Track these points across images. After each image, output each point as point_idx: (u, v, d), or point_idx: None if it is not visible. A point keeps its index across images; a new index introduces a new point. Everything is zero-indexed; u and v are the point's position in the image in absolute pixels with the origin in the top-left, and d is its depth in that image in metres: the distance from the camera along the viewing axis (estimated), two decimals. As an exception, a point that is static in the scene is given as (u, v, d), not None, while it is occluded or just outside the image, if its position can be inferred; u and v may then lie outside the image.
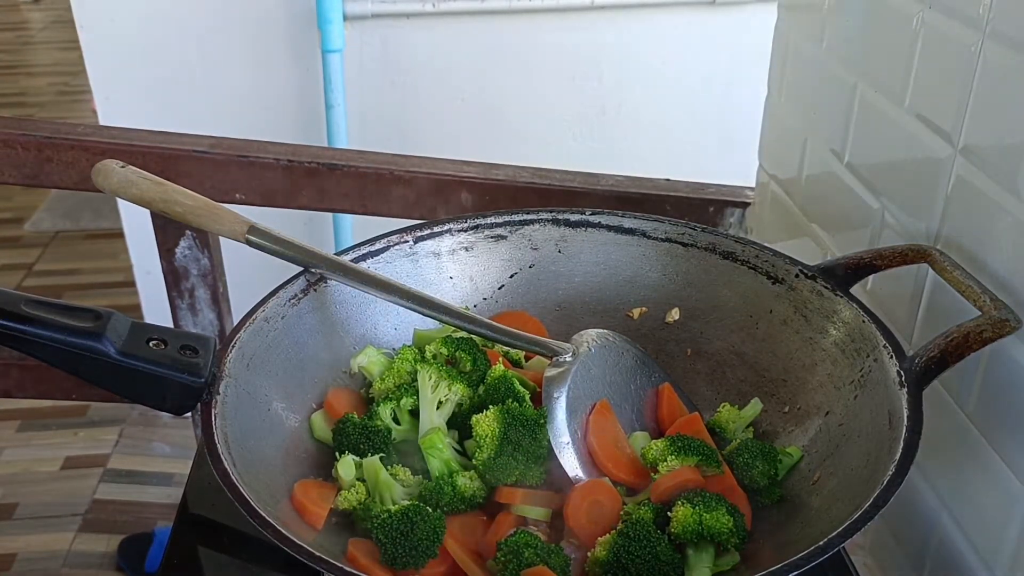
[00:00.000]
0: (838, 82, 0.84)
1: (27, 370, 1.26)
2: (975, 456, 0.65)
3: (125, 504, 1.89)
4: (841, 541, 0.52)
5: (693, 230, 0.79)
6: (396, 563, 0.58)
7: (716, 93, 2.01)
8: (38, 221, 2.95)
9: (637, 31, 1.94)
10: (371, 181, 1.12)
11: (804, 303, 0.72)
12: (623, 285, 0.80)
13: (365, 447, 0.66)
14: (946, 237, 0.68)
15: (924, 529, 0.72)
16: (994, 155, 0.62)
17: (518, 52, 1.93)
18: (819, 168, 0.90)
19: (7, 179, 1.12)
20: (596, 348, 0.70)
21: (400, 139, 1.96)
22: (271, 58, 1.87)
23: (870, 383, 0.64)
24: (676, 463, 0.64)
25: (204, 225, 0.72)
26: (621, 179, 1.13)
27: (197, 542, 0.71)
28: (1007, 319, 0.58)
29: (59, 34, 4.82)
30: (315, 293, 0.72)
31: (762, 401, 0.72)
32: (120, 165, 0.74)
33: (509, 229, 0.81)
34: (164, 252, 1.18)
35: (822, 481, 0.63)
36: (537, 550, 0.58)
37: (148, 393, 0.61)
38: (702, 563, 0.60)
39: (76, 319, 0.59)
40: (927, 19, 0.69)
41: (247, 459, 0.59)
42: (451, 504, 0.63)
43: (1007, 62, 0.60)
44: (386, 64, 1.90)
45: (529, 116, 1.99)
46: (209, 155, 1.12)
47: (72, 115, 3.85)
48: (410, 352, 0.72)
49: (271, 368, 0.67)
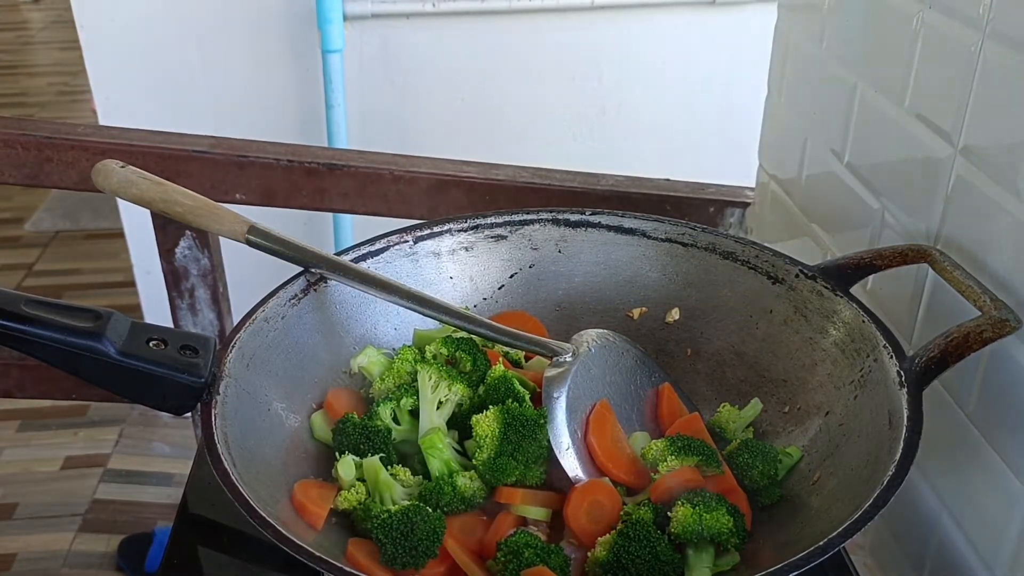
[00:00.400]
0: (838, 82, 0.84)
1: (27, 370, 1.26)
2: (975, 456, 0.65)
3: (125, 504, 1.89)
4: (841, 541, 0.52)
5: (693, 230, 0.79)
6: (396, 563, 0.58)
7: (716, 93, 2.01)
8: (38, 221, 2.95)
9: (637, 31, 1.94)
10: (371, 181, 1.12)
11: (804, 303, 0.72)
12: (623, 285, 0.80)
13: (365, 447, 0.66)
14: (946, 237, 0.68)
15: (924, 529, 0.72)
16: (994, 155, 0.62)
17: (518, 52, 1.93)
18: (819, 168, 0.90)
19: (7, 179, 1.12)
20: (596, 348, 0.70)
21: (400, 139, 1.96)
22: (271, 58, 1.87)
23: (870, 383, 0.64)
24: (676, 463, 0.64)
25: (204, 225, 0.72)
26: (621, 179, 1.13)
27: (197, 542, 0.71)
28: (1007, 319, 0.58)
29: (59, 34, 4.82)
30: (315, 293, 0.72)
31: (762, 401, 0.72)
32: (120, 165, 0.74)
33: (509, 229, 0.81)
34: (164, 252, 1.18)
35: (822, 481, 0.63)
36: (537, 550, 0.58)
37: (148, 393, 0.61)
38: (702, 563, 0.60)
39: (76, 319, 0.59)
40: (927, 19, 0.69)
41: (247, 459, 0.59)
42: (451, 504, 0.63)
43: (1007, 62, 0.60)
44: (386, 64, 1.90)
45: (529, 116, 1.99)
46: (209, 155, 1.12)
47: (72, 115, 3.85)
48: (410, 352, 0.72)
49: (271, 368, 0.67)
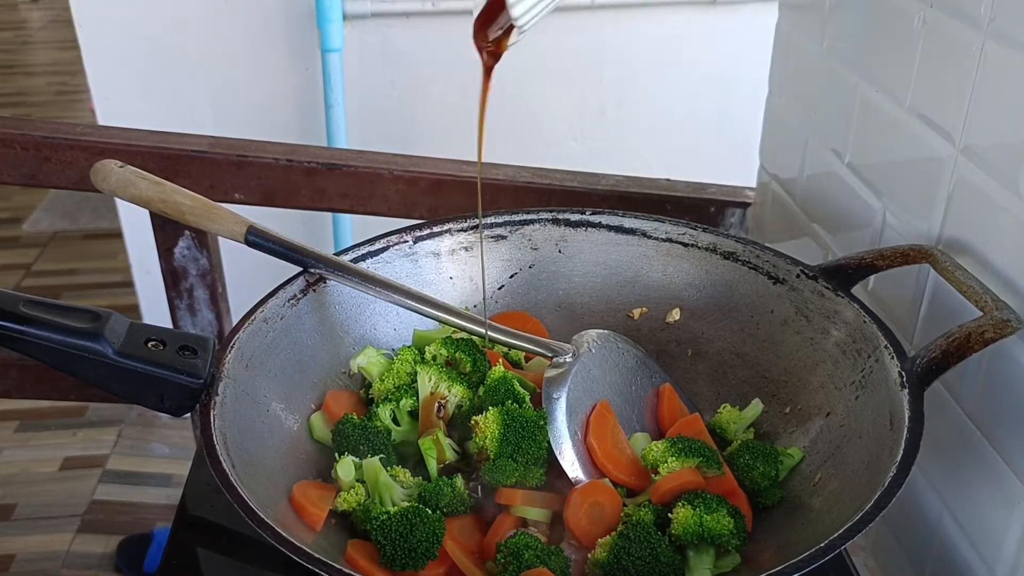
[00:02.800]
0: (839, 82, 0.84)
1: (26, 370, 1.26)
2: (976, 457, 0.64)
3: (124, 505, 1.89)
4: (843, 543, 0.52)
5: (694, 230, 0.78)
6: (395, 565, 0.58)
7: (717, 93, 2.00)
8: (36, 221, 2.95)
9: (637, 31, 1.94)
10: (370, 181, 1.12)
11: (805, 303, 0.72)
12: (623, 285, 0.80)
13: (365, 448, 0.66)
14: (948, 237, 0.68)
15: (925, 530, 0.71)
16: (996, 155, 0.62)
17: (518, 52, 1.92)
18: (820, 168, 0.90)
19: (5, 179, 1.12)
20: (596, 349, 0.70)
21: (400, 139, 1.96)
22: (271, 58, 1.87)
23: (871, 384, 0.64)
24: (677, 464, 0.64)
25: (203, 225, 0.71)
26: (621, 179, 1.12)
27: (196, 543, 0.71)
28: (1008, 319, 0.58)
29: (57, 33, 4.82)
30: (314, 293, 0.72)
31: (763, 402, 0.72)
32: (119, 165, 0.74)
33: (509, 229, 0.81)
34: (163, 252, 1.18)
35: (823, 482, 0.63)
36: (537, 551, 0.58)
37: (146, 394, 0.61)
38: (703, 565, 0.60)
39: (74, 320, 0.59)
40: (928, 18, 0.69)
41: (246, 460, 0.59)
42: (451, 506, 0.63)
43: (1009, 61, 0.60)
44: (386, 64, 1.90)
45: (529, 116, 1.99)
46: (208, 155, 1.11)
47: (70, 115, 3.85)
48: (410, 353, 0.72)
49: (270, 369, 0.67)
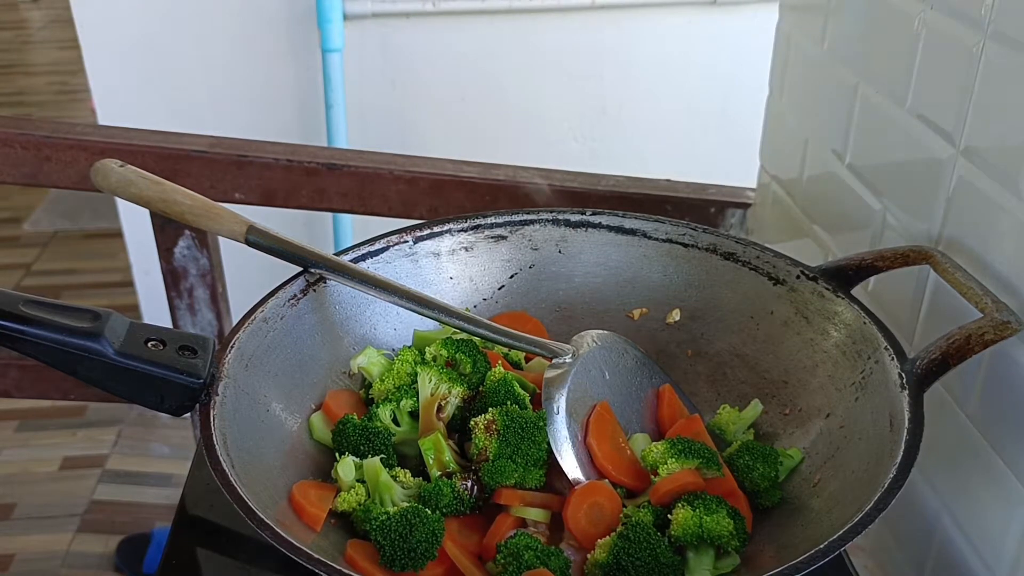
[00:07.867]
0: (839, 82, 0.84)
1: (25, 370, 1.26)
2: (976, 458, 0.64)
3: (123, 505, 1.89)
4: (842, 544, 0.52)
5: (694, 231, 0.78)
6: (395, 565, 0.58)
7: (717, 93, 2.00)
8: (36, 221, 2.95)
9: (637, 31, 1.94)
10: (370, 181, 1.12)
11: (805, 304, 0.72)
12: (623, 286, 0.80)
13: (365, 448, 0.66)
14: (948, 238, 0.68)
15: (925, 531, 0.71)
16: (996, 156, 0.62)
17: (518, 52, 1.93)
18: (820, 169, 0.90)
19: (5, 178, 1.12)
20: (596, 349, 0.70)
21: (400, 139, 1.96)
22: (271, 57, 1.87)
23: (871, 385, 0.64)
24: (676, 465, 0.64)
25: (203, 225, 0.71)
26: (621, 179, 1.12)
27: (195, 543, 0.71)
28: (1009, 321, 0.58)
29: (58, 33, 4.82)
30: (314, 293, 0.72)
31: (763, 403, 0.72)
32: (119, 164, 0.74)
33: (509, 229, 0.80)
34: (163, 252, 1.18)
35: (823, 483, 0.63)
36: (537, 552, 0.58)
37: (146, 394, 0.61)
38: (702, 566, 0.60)
39: (74, 319, 0.59)
40: (928, 19, 0.69)
41: (246, 460, 0.59)
42: (450, 506, 0.63)
43: (1009, 62, 0.60)
44: (386, 64, 1.90)
45: (529, 116, 1.99)
46: (208, 155, 1.11)
47: (71, 114, 3.85)
48: (410, 353, 0.72)
49: (270, 369, 0.67)
